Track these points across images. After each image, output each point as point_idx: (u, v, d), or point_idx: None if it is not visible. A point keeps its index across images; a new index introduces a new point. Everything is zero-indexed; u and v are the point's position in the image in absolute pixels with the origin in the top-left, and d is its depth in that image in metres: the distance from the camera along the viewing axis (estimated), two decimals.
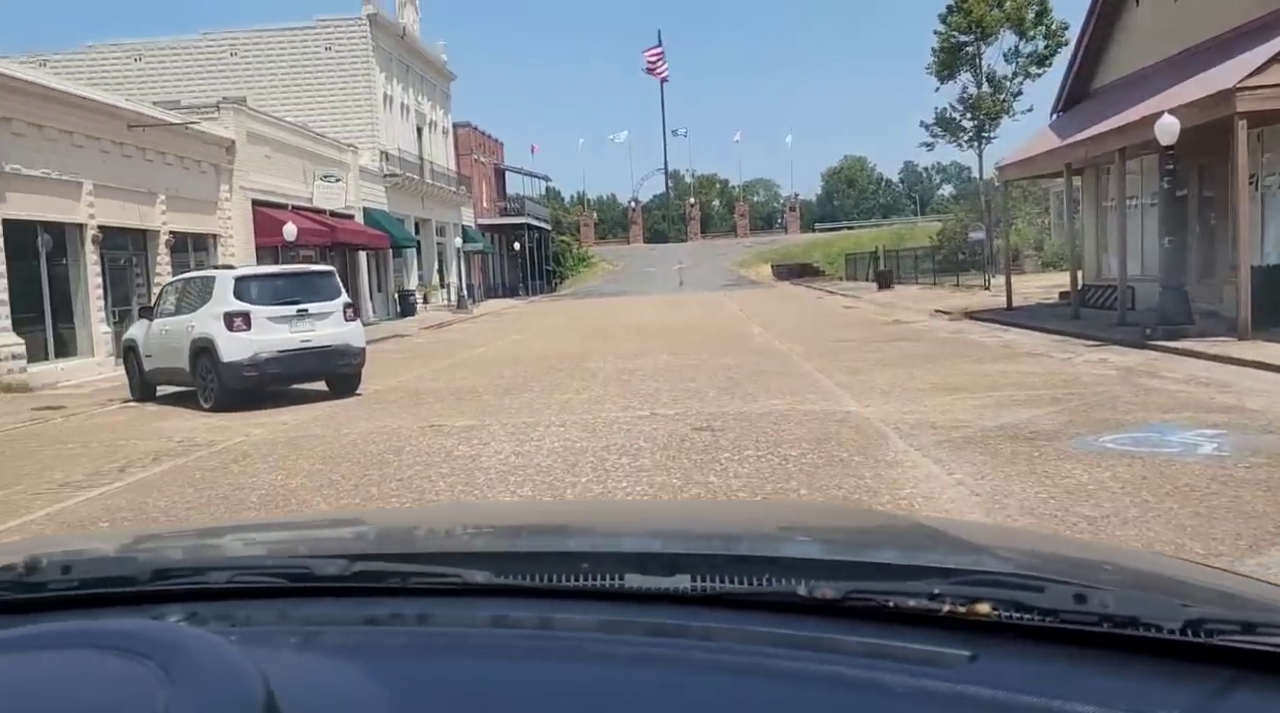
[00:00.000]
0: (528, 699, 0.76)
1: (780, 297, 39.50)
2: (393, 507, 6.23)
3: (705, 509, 3.20)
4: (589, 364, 15.29)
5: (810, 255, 62.72)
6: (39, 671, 0.68)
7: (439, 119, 45.71)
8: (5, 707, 0.64)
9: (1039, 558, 1.08)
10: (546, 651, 0.84)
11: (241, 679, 0.64)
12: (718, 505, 4.70)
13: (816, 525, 1.45)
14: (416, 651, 0.84)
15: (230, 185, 23.78)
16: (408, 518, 2.51)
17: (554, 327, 27.31)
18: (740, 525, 1.43)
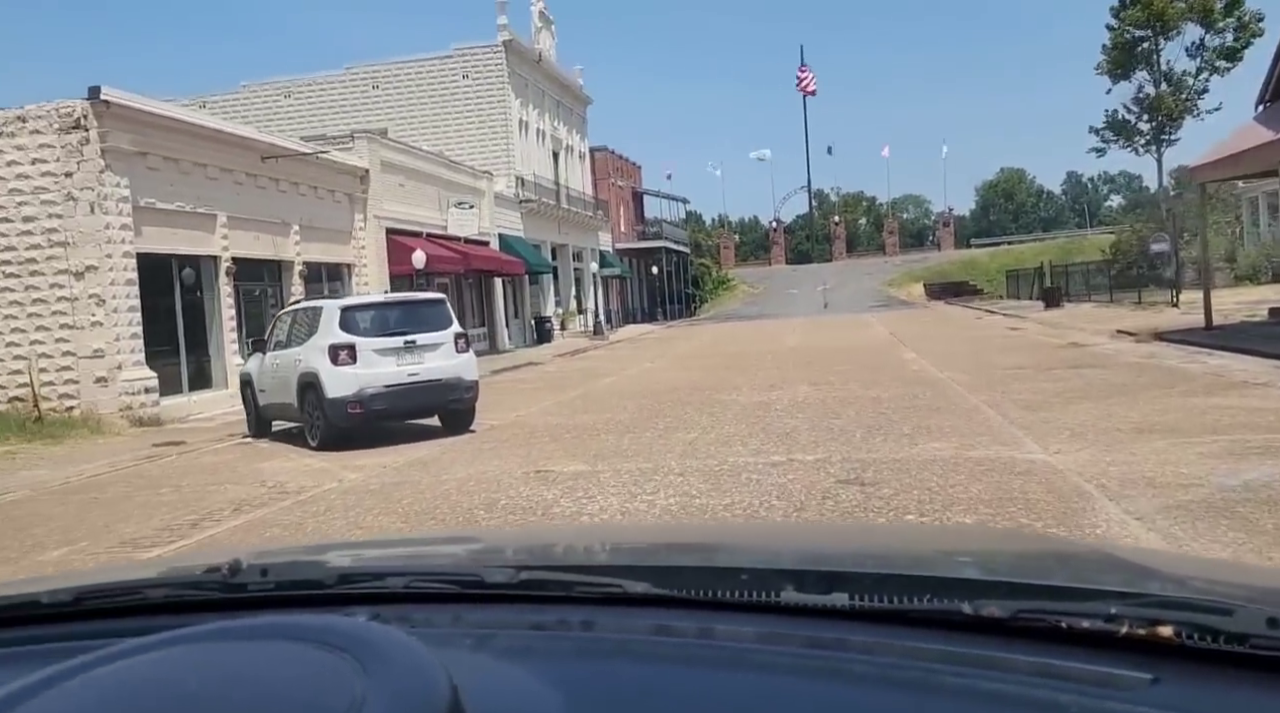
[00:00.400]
0: (690, 704, 0.79)
1: (934, 318, 36.96)
2: (555, 522, 6.40)
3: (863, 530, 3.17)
4: (720, 396, 13.92)
5: (966, 273, 59.26)
6: (247, 660, 0.75)
7: (575, 143, 45.56)
8: (219, 691, 0.71)
9: (1224, 582, 1.04)
10: (707, 659, 0.85)
11: (429, 673, 0.68)
12: (876, 527, 4.55)
13: (982, 548, 1.41)
14: (582, 655, 0.88)
15: (364, 214, 23.80)
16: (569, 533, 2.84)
17: (688, 353, 26.07)
18: (899, 546, 1.44)
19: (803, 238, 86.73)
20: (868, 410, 11.22)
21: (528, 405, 14.91)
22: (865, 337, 27.44)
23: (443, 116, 36.05)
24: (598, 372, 21.49)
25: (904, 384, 13.94)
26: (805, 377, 16.03)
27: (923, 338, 25.07)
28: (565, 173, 43.50)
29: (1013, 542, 1.90)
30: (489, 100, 35.88)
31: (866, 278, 62.85)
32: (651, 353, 27.56)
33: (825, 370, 17.00)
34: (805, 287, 61.62)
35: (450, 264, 26.27)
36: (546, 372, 23.10)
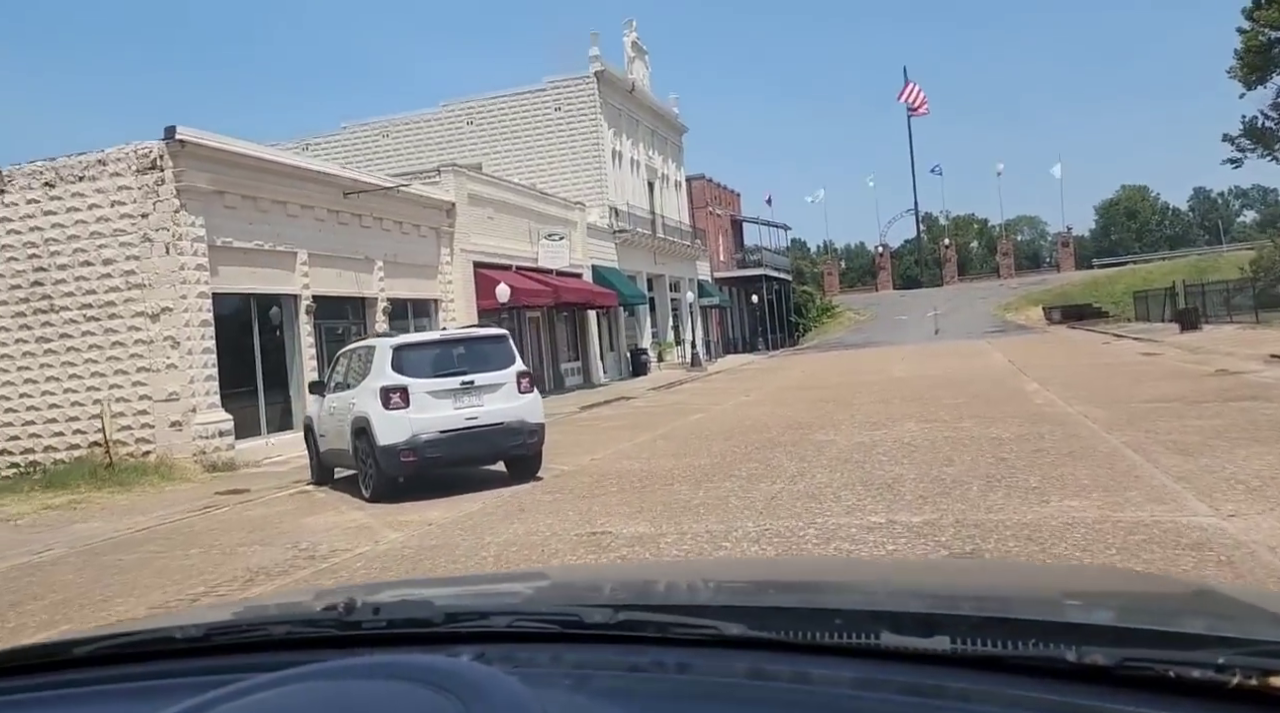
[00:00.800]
0: None
1: (1057, 343, 34.38)
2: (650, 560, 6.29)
3: (964, 568, 3.11)
4: (816, 436, 12.54)
5: (1089, 295, 55.72)
6: (360, 698, 0.81)
7: (671, 172, 44.78)
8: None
9: None
10: (803, 704, 0.86)
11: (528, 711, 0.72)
12: (977, 565, 4.44)
13: (1086, 589, 1.40)
14: (678, 698, 0.90)
15: (451, 248, 23.35)
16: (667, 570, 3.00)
17: (787, 385, 24.61)
18: (1002, 587, 1.40)
19: (911, 263, 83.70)
20: (986, 455, 9.69)
21: (605, 447, 13.83)
22: (981, 365, 25.43)
23: (536, 149, 35.77)
24: (688, 407, 20.29)
25: (1027, 421, 12.27)
26: (913, 412, 14.45)
27: (1045, 366, 22.97)
28: (660, 202, 42.71)
29: (1116, 580, 1.82)
30: (581, 131, 35.43)
31: (980, 302, 59.81)
32: (748, 385, 26.20)
33: (935, 404, 15.37)
34: (914, 312, 59.03)
35: (539, 297, 25.60)
36: (636, 407, 22.04)
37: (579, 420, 19.61)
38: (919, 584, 1.45)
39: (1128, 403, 13.52)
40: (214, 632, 1.17)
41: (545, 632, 1.05)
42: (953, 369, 24.68)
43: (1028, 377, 20.12)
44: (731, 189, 57.68)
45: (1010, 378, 20.33)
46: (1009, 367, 24.01)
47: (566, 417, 20.84)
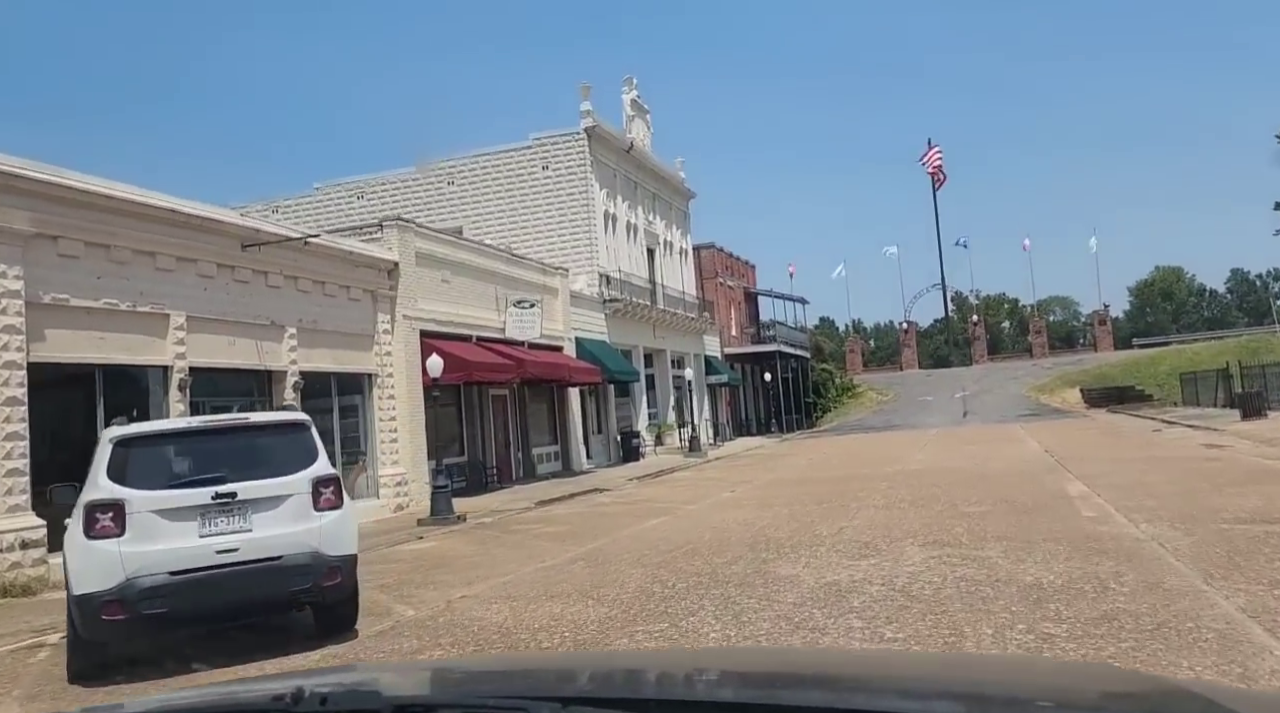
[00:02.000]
0: None
1: (1100, 431, 30.43)
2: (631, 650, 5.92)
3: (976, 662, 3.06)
4: (779, 566, 8.94)
5: (1129, 376, 51.61)
6: None
7: (675, 240, 41.86)
8: None
9: None
10: None
11: None
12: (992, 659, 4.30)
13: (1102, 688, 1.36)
14: None
15: (391, 315, 20.23)
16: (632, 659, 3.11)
17: (784, 478, 20.95)
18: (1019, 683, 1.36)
19: (940, 342, 79.96)
20: (1019, 625, 6.08)
21: (500, 572, 10.28)
22: (1013, 456, 21.66)
23: (521, 211, 32.99)
24: (655, 507, 16.72)
25: (1078, 550, 8.61)
26: (921, 526, 10.82)
27: (1090, 458, 19.19)
28: (662, 271, 39.67)
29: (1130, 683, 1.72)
30: (570, 192, 32.63)
31: (1012, 383, 55.81)
32: (742, 476, 22.55)
33: (953, 514, 11.72)
34: (941, 393, 55.12)
35: (499, 372, 22.31)
36: (597, 505, 18.47)
37: (515, 524, 16.09)
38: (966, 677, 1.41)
39: (1214, 521, 9.82)
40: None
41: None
42: (980, 460, 20.92)
43: (1070, 473, 16.37)
44: (745, 260, 54.69)
45: (1048, 475, 16.59)
46: (1046, 459, 20.24)
47: (509, 516, 17.33)
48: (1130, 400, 46.83)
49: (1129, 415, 39.45)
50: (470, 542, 13.72)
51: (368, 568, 9.63)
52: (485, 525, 16.08)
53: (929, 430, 37.69)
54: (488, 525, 16.05)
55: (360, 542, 7.86)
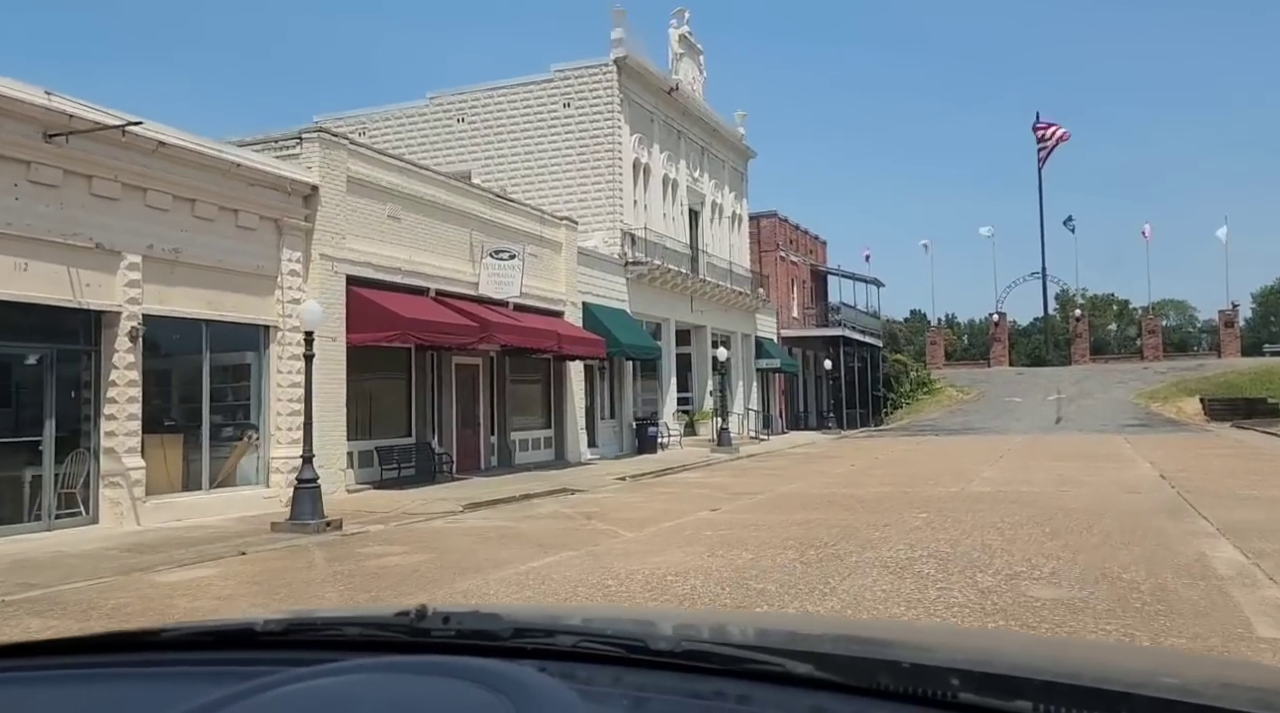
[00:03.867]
0: None
1: (1231, 451, 24.30)
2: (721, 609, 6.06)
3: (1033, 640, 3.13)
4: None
5: (1260, 387, 44.35)
6: (417, 691, 0.85)
7: (727, 203, 36.71)
8: None
9: None
10: None
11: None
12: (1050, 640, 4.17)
13: (1170, 667, 1.35)
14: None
15: (305, 252, 15.88)
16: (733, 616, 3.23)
17: (806, 491, 15.92)
18: (1090, 660, 1.28)
19: (1039, 342, 72.37)
20: None
21: None
22: (1116, 479, 16.16)
23: (537, 155, 28.40)
24: (608, 525, 12.02)
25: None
26: (958, 606, 5.81)
27: (1229, 494, 13.64)
28: (709, 237, 34.64)
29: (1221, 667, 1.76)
30: (594, 133, 27.88)
31: (1118, 387, 48.93)
32: (749, 487, 17.60)
33: (1006, 597, 6.66)
34: (1033, 395, 48.67)
35: (453, 335, 17.74)
36: (523, 518, 13.79)
37: (374, 542, 11.57)
38: (998, 648, 1.38)
39: None
40: (292, 628, 1.23)
41: (608, 654, 1.04)
42: (1069, 484, 15.52)
43: (1204, 518, 10.99)
44: (814, 234, 49.10)
45: (1170, 520, 11.20)
46: (1163, 489, 14.73)
47: (403, 528, 12.85)
48: (1261, 415, 39.83)
49: (1262, 433, 32.85)
50: (254, 579, 9.21)
51: None
52: (343, 542, 11.60)
53: (1012, 437, 31.89)
54: (345, 542, 11.56)
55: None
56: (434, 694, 0.84)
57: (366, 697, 0.85)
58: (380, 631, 1.20)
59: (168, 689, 1.09)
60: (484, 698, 0.79)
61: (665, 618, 1.68)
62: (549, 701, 0.78)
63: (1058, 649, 1.84)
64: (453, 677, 0.85)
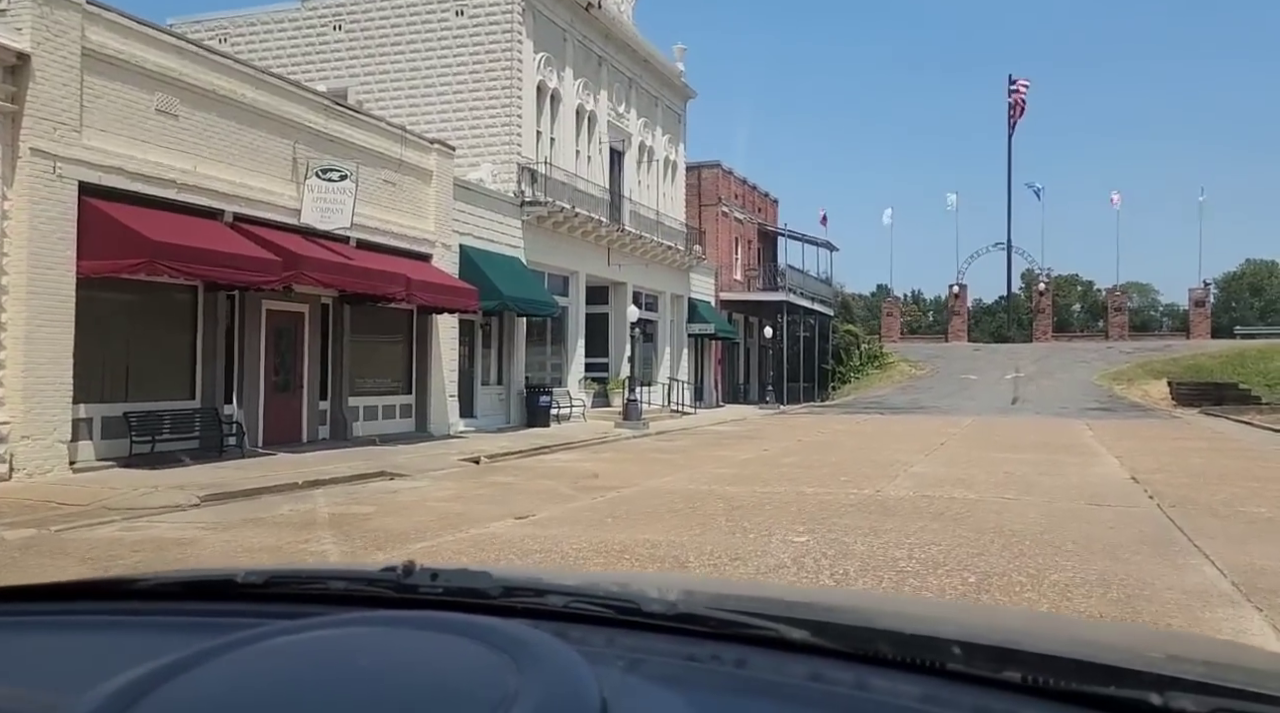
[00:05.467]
0: None
1: (1208, 444, 20.86)
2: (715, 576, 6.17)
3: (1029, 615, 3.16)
4: None
5: (1231, 371, 41.40)
6: (413, 646, 0.82)
7: (658, 146, 32.66)
8: (384, 669, 0.77)
9: None
10: (865, 711, 0.83)
11: (581, 681, 0.72)
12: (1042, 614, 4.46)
13: (1154, 644, 1.34)
14: (734, 691, 0.87)
15: (11, 147, 11.71)
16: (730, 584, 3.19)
17: (683, 487, 12.11)
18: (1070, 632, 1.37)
19: (1003, 321, 69.03)
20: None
21: None
22: (1078, 482, 12.52)
23: (424, 72, 24.20)
24: (320, 548, 8.15)
25: None
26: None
27: (1231, 510, 10.01)
28: (636, 182, 30.64)
29: (1198, 644, 1.72)
30: (489, 47, 23.69)
31: (1080, 367, 45.78)
32: (629, 474, 13.83)
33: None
34: (989, 372, 45.40)
35: (238, 269, 13.66)
36: (259, 523, 9.89)
37: None
38: (991, 622, 1.36)
39: None
40: (274, 580, 1.19)
41: (601, 615, 1.03)
42: (1017, 487, 11.90)
43: (1212, 563, 7.33)
44: (764, 192, 45.22)
45: (1160, 559, 7.53)
46: (1139, 499, 11.13)
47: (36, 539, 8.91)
48: (1232, 401, 36.81)
49: (1234, 421, 29.68)
50: None
51: None
52: None
53: (962, 419, 28.46)
54: None
55: None
56: (431, 650, 0.81)
57: (362, 650, 0.82)
58: (366, 585, 1.17)
59: (149, 639, 1.05)
60: (483, 655, 0.77)
61: (655, 582, 1.56)
62: (551, 659, 0.75)
63: (1058, 625, 1.85)
64: (450, 633, 0.83)
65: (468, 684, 0.73)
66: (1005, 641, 0.98)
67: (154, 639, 1.01)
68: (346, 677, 0.77)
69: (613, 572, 6.17)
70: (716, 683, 0.88)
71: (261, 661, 0.81)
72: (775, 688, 0.86)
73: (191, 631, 1.01)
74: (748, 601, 1.28)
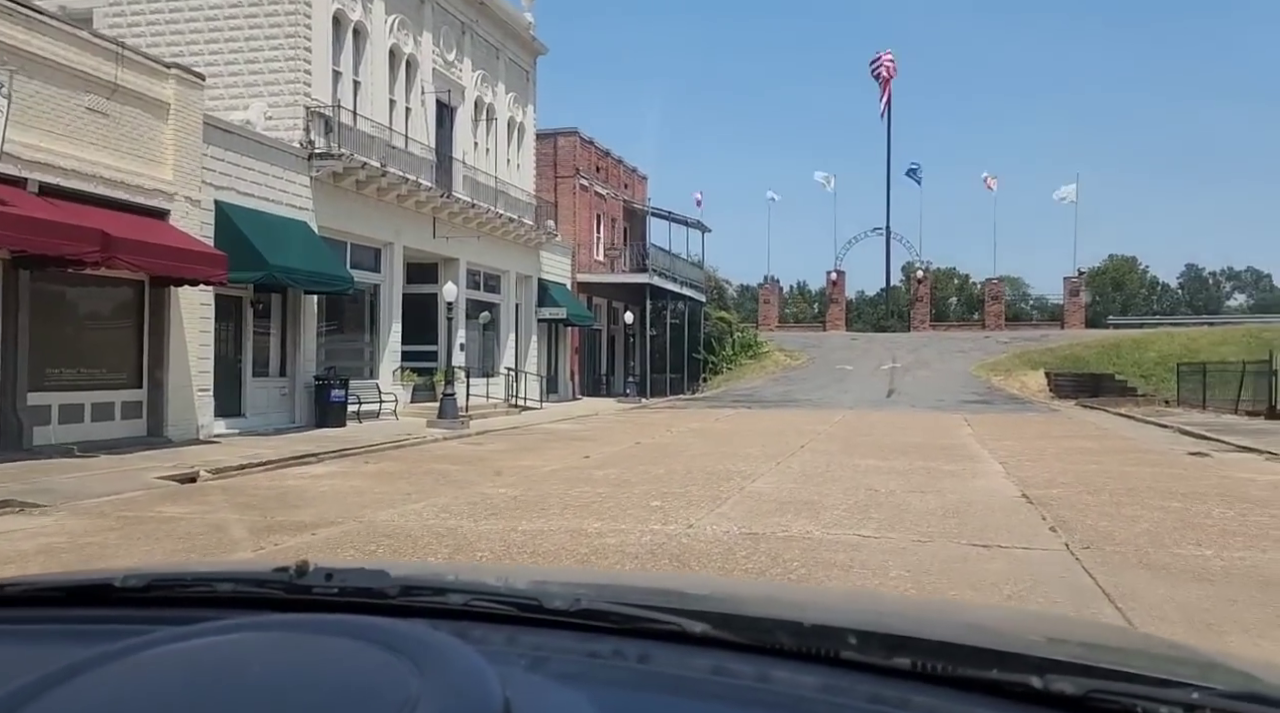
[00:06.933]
0: None
1: (1101, 445, 18.37)
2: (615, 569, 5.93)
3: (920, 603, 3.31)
4: None
5: (1107, 362, 40.29)
6: (309, 652, 0.78)
7: (502, 105, 28.81)
8: (280, 677, 0.73)
9: None
10: (767, 703, 0.83)
11: (484, 683, 0.70)
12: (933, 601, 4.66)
13: (1042, 628, 1.36)
14: (638, 687, 0.87)
15: None
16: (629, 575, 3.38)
17: (458, 507, 8.45)
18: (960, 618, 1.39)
19: (884, 311, 67.69)
20: None
21: None
22: (956, 505, 9.39)
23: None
24: None
25: None
26: None
27: (1167, 554, 6.98)
28: (470, 143, 26.73)
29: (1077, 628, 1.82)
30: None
31: (958, 357, 44.17)
32: (360, 501, 10.08)
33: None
34: (866, 363, 43.30)
35: None
36: None
37: None
38: (881, 610, 1.40)
39: None
40: (156, 583, 1.13)
41: (502, 613, 1.01)
42: (876, 518, 8.67)
43: (1087, 554, 4.14)
44: (631, 166, 41.84)
45: (1061, 587, 4.32)
46: (1038, 534, 8.07)
47: None
48: (1108, 392, 35.51)
49: (1114, 415, 27.91)
50: None
51: None
52: None
53: (833, 414, 25.72)
54: None
55: None
56: (327, 655, 0.76)
57: (254, 659, 0.76)
58: (256, 587, 1.11)
59: (24, 650, 0.97)
60: (382, 659, 0.73)
61: (558, 577, 1.58)
62: (452, 660, 0.73)
63: (949, 610, 1.90)
64: (346, 636, 0.78)
65: (367, 690, 0.69)
66: (899, 628, 0.98)
67: (21, 652, 0.95)
68: (237, 688, 0.72)
69: (516, 565, 5.96)
70: (620, 679, 0.87)
71: (142, 673, 0.75)
72: (678, 683, 0.86)
73: (64, 641, 0.94)
74: (651, 594, 1.25)
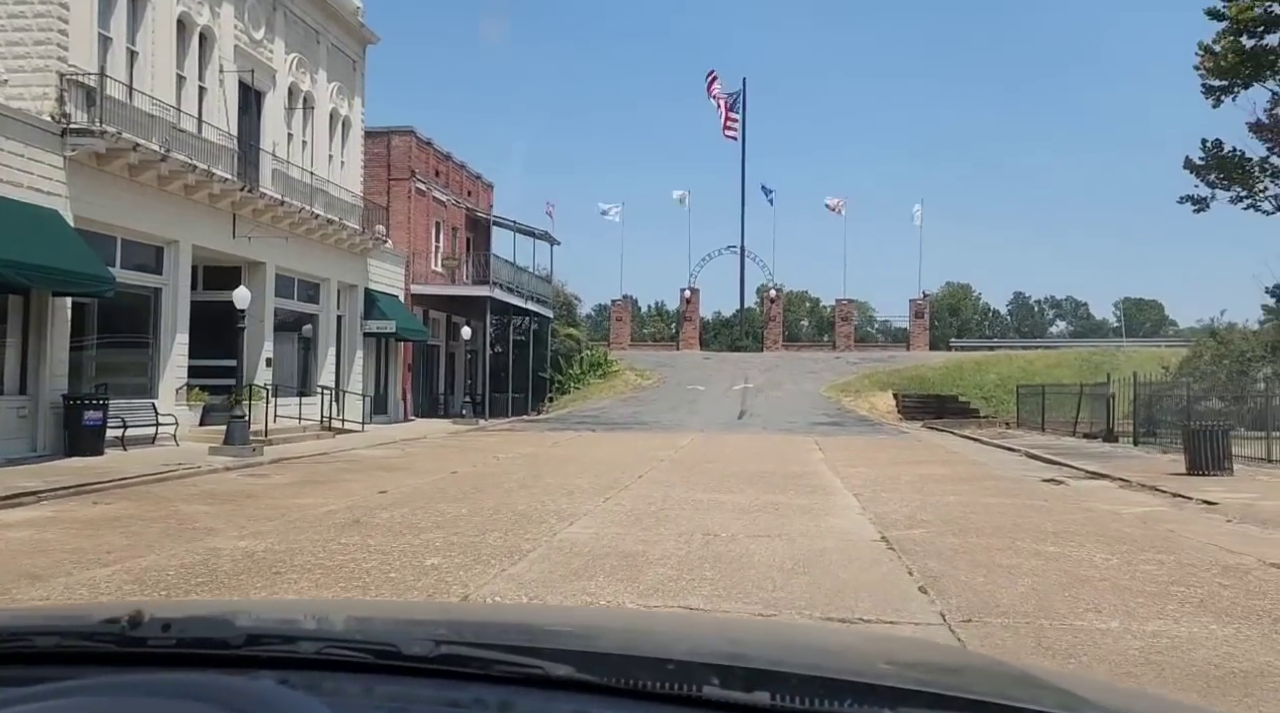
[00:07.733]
0: None
1: (956, 471, 17.35)
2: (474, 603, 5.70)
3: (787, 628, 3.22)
4: None
5: (951, 383, 40.70)
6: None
7: (323, 95, 26.06)
8: None
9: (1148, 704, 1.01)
10: None
11: None
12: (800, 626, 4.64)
13: (900, 657, 1.37)
14: None
15: None
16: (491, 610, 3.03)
17: (202, 560, 6.13)
18: (824, 648, 1.38)
19: (740, 333, 67.41)
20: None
21: None
22: (805, 555, 7.65)
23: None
24: None
25: None
26: None
27: (1034, 608, 5.40)
28: (283, 134, 23.87)
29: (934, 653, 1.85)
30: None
31: (809, 379, 43.78)
32: (53, 555, 7.47)
33: None
34: (718, 383, 42.29)
35: None
36: None
37: None
38: (745, 641, 1.38)
39: None
40: None
41: (357, 661, 0.94)
42: (720, 563, 6.81)
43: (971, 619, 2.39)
44: (474, 173, 39.50)
45: None
46: (897, 580, 6.43)
47: None
48: (952, 414, 35.60)
49: (960, 437, 27.59)
50: None
51: None
52: None
53: (680, 437, 24.17)
54: None
55: None
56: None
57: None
58: (84, 641, 0.99)
59: None
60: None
61: (419, 616, 1.49)
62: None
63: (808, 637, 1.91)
64: (184, 697, 0.71)
65: None
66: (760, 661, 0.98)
67: None
68: None
69: (374, 600, 5.63)
70: None
71: None
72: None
73: None
74: (511, 631, 1.24)
